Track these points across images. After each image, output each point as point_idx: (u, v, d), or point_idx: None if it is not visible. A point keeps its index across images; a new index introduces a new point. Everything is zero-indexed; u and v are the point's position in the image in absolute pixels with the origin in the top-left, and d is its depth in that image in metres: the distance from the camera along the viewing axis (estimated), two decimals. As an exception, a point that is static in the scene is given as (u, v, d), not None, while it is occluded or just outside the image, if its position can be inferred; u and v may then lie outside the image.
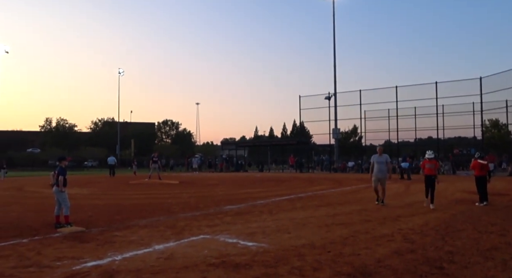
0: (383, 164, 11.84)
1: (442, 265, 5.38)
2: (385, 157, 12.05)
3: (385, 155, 12.21)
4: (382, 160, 11.88)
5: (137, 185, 22.01)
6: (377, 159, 11.92)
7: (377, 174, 11.82)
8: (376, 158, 11.98)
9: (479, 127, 34.90)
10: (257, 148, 55.64)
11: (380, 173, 11.81)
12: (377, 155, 12.02)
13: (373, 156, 12.14)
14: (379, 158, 11.93)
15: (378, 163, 11.85)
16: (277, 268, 5.24)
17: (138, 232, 7.77)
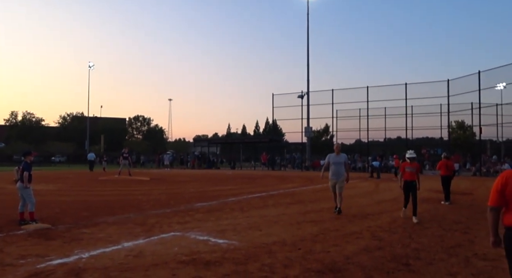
0: (341, 165, 9.94)
1: (409, 261, 5.52)
2: (343, 157, 10.10)
3: (343, 154, 10.24)
4: (339, 160, 9.98)
5: (107, 181, 21.58)
6: (333, 159, 10.01)
7: (332, 176, 9.96)
8: (332, 157, 10.05)
9: (446, 128, 35.91)
10: (230, 145, 55.50)
11: (336, 175, 9.90)
12: (333, 154, 10.08)
13: (329, 155, 10.19)
14: (336, 157, 10.01)
15: (335, 164, 9.94)
16: (247, 265, 5.25)
17: (107, 229, 7.62)
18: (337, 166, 9.93)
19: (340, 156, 10.06)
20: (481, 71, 30.21)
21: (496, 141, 37.38)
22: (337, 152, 10.06)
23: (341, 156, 10.10)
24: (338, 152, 10.06)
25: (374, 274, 4.91)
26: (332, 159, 10.02)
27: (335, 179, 9.90)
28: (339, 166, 9.93)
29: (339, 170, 9.90)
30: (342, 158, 10.04)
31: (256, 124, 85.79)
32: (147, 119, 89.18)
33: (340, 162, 9.96)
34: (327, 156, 10.35)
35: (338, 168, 9.90)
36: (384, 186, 19.16)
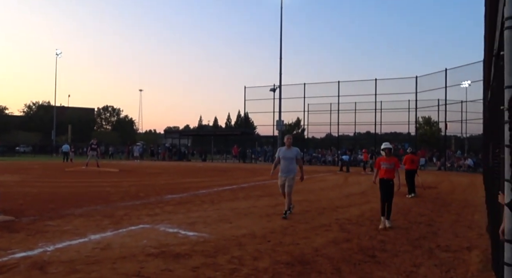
0: (292, 161, 8.66)
1: (375, 253, 5.65)
2: (295, 151, 8.78)
3: (295, 148, 8.89)
4: (290, 155, 8.67)
5: (74, 173, 21.07)
6: (283, 153, 8.73)
7: (281, 173, 8.69)
8: (283, 151, 8.78)
9: (413, 123, 36.84)
10: (201, 137, 55.25)
11: (286, 172, 8.62)
12: (284, 148, 8.81)
13: (279, 149, 9.02)
14: (287, 151, 8.71)
15: (285, 159, 8.66)
16: (216, 257, 5.25)
17: (73, 222, 7.44)
18: (287, 162, 8.64)
19: (291, 149, 8.73)
20: (448, 69, 31.13)
21: (461, 136, 38.66)
22: (288, 145, 8.73)
23: (293, 149, 8.76)
24: (289, 145, 8.73)
25: (341, 266, 5.00)
26: (283, 153, 8.73)
27: (284, 176, 8.60)
28: (290, 162, 8.64)
29: (289, 165, 8.62)
30: (293, 152, 8.72)
31: (228, 117, 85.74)
32: (116, 110, 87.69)
33: (291, 157, 8.65)
34: (278, 150, 9.12)
35: (288, 164, 8.63)
36: (353, 180, 19.53)
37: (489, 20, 5.42)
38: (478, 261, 5.37)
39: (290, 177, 8.62)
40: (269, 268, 4.82)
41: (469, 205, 11.07)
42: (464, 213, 9.54)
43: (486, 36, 7.10)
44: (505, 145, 2.89)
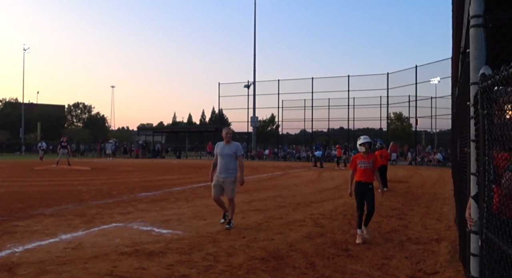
0: (231, 158, 7.04)
1: (348, 247, 5.75)
2: (235, 147, 7.17)
3: (236, 143, 7.31)
4: (229, 152, 7.05)
5: (43, 171, 20.51)
6: (221, 150, 7.09)
7: (219, 174, 7.02)
8: (221, 147, 7.13)
9: (385, 119, 37.52)
10: (175, 134, 54.71)
11: (225, 172, 6.99)
12: (222, 143, 7.16)
13: (218, 144, 7.25)
14: (225, 147, 7.09)
15: (223, 156, 7.03)
16: (191, 254, 5.23)
17: (43, 221, 7.25)
18: (225, 159, 7.00)
19: (231, 145, 7.12)
20: (418, 65, 31.83)
21: (430, 132, 39.61)
22: (227, 140, 7.10)
23: (232, 145, 7.15)
24: (228, 140, 7.11)
25: (315, 260, 5.07)
26: (220, 150, 7.09)
27: (222, 178, 6.97)
28: (229, 159, 7.02)
29: (228, 164, 7.00)
30: (233, 148, 7.10)
31: (202, 113, 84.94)
32: (87, 106, 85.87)
33: (230, 154, 7.03)
34: (215, 146, 7.33)
35: (226, 162, 6.99)
36: (327, 175, 19.76)
37: (456, 18, 5.57)
38: (447, 252, 5.54)
39: (230, 180, 6.99)
40: (244, 264, 4.84)
41: (438, 198, 11.38)
42: (433, 206, 9.81)
43: (453, 34, 7.30)
44: (471, 140, 2.98)
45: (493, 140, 2.29)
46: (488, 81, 2.33)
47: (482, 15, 2.90)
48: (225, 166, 6.98)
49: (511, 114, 2.19)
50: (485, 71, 2.56)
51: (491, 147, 2.37)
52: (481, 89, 2.50)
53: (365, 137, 6.48)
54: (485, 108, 2.45)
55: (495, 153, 2.38)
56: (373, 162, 6.32)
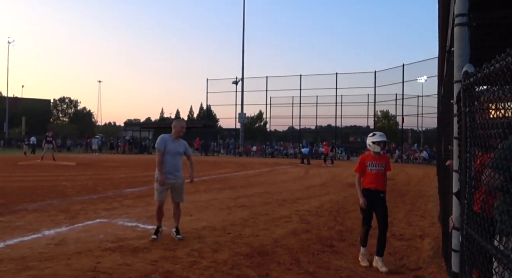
0: (181, 157, 6.14)
1: (333, 243, 5.79)
2: (183, 145, 6.19)
3: (183, 141, 6.25)
4: (178, 149, 6.07)
5: (27, 166, 20.21)
6: (169, 146, 5.98)
7: (168, 175, 5.96)
8: (170, 142, 6.02)
9: (372, 117, 37.86)
10: (163, 130, 54.21)
11: (176, 172, 6.02)
12: (170, 138, 6.09)
13: (162, 138, 6.08)
14: (174, 143, 6.05)
15: (174, 154, 6.02)
16: (176, 250, 5.21)
17: (26, 217, 7.14)
18: (176, 158, 6.06)
19: (179, 142, 6.15)
20: (405, 64, 32.13)
21: (417, 130, 40.05)
22: (176, 136, 6.13)
23: (181, 142, 6.20)
24: (177, 136, 6.14)
25: (300, 256, 5.09)
26: (169, 146, 5.98)
27: (173, 179, 6.00)
28: (179, 158, 6.13)
29: (179, 164, 6.12)
30: (181, 146, 6.15)
31: (190, 109, 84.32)
32: (74, 101, 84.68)
33: (179, 152, 6.10)
34: (161, 140, 6.05)
35: (177, 161, 6.09)
36: (314, 172, 19.85)
37: (443, 17, 5.62)
38: (430, 248, 5.61)
39: (180, 181, 6.13)
40: (229, 260, 4.83)
41: (423, 195, 11.51)
42: (418, 203, 9.92)
43: (440, 33, 7.37)
44: (454, 137, 3.01)
45: (475, 137, 2.32)
46: (471, 79, 2.36)
47: (467, 14, 2.92)
48: (176, 166, 6.04)
49: (493, 112, 2.22)
50: (468, 69, 2.58)
51: (472, 144, 2.40)
52: (463, 87, 2.53)
53: (382, 134, 5.19)
54: (467, 106, 2.47)
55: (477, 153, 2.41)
56: (386, 165, 5.11)
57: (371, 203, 4.99)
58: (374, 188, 4.98)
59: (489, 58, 3.09)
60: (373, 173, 5.00)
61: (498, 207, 2.14)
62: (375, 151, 5.05)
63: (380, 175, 5.03)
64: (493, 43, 4.37)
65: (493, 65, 1.85)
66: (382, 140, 5.08)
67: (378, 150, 5.05)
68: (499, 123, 2.03)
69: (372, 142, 5.07)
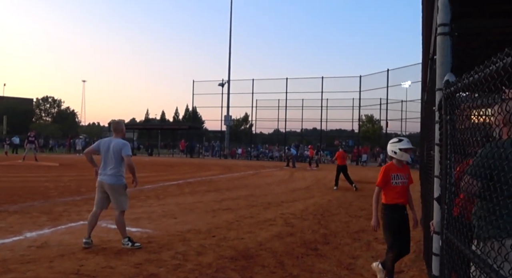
0: (115, 156, 5.58)
1: (317, 246, 5.84)
2: (121, 144, 5.63)
3: (121, 140, 5.71)
4: (115, 148, 5.59)
5: (9, 167, 19.85)
6: (105, 145, 5.67)
7: (103, 176, 5.67)
8: (105, 143, 5.71)
9: (356, 121, 38.17)
10: (148, 131, 53.96)
11: (109, 175, 5.61)
12: (108, 138, 5.90)
13: (100, 141, 5.90)
14: (111, 141, 5.68)
15: (106, 153, 5.62)
16: (160, 253, 5.20)
17: (7, 219, 7.04)
18: (110, 157, 5.60)
19: (117, 140, 5.68)
20: (390, 69, 32.53)
21: (400, 134, 40.50)
22: (117, 133, 5.79)
23: (119, 141, 5.67)
24: (118, 133, 5.79)
25: (284, 259, 5.13)
26: (104, 145, 5.66)
27: (107, 181, 5.62)
28: (113, 157, 5.60)
29: (113, 164, 5.60)
30: (119, 145, 5.61)
31: (175, 110, 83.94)
32: (57, 101, 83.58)
33: (116, 151, 5.58)
34: (97, 142, 5.95)
35: (111, 161, 5.61)
36: (299, 175, 19.94)
37: (426, 25, 5.74)
38: (412, 252, 5.68)
39: (115, 185, 5.65)
40: (213, 263, 4.84)
41: (405, 199, 11.66)
42: (400, 207, 10.04)
43: (423, 40, 7.51)
44: (435, 143, 3.09)
45: (455, 144, 2.39)
46: (452, 88, 2.43)
47: (449, 24, 3.00)
48: (109, 168, 5.68)
49: (472, 119, 2.29)
50: (449, 78, 2.65)
51: (453, 151, 2.47)
52: (445, 95, 2.60)
53: (408, 140, 4.52)
54: (448, 114, 2.54)
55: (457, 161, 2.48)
56: (409, 176, 4.55)
57: (399, 221, 4.36)
58: (402, 203, 4.41)
59: (471, 66, 3.18)
60: (399, 187, 4.41)
61: (476, 213, 2.21)
62: (403, 159, 4.43)
63: (405, 189, 4.48)
64: (474, 52, 4.48)
65: (472, 75, 1.92)
66: (410, 147, 4.45)
67: (407, 158, 4.45)
68: (478, 131, 2.09)
69: (399, 149, 4.39)
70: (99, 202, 5.78)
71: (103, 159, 5.67)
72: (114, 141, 5.67)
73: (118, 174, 5.65)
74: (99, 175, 5.71)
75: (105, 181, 5.64)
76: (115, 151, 5.60)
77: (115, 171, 5.63)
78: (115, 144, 5.64)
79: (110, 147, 5.62)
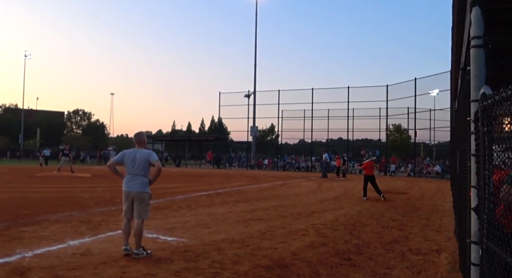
0: (142, 165, 5.79)
1: (350, 256, 5.87)
2: (148, 153, 5.93)
3: (145, 150, 6.03)
4: (141, 157, 5.81)
5: (45, 178, 20.60)
6: (130, 156, 5.87)
7: (130, 185, 5.79)
8: (130, 154, 5.90)
9: (384, 131, 37.78)
10: (175, 143, 54.87)
11: (135, 184, 5.77)
12: (132, 149, 6.05)
13: (123, 152, 6.08)
14: (136, 152, 5.89)
15: (132, 163, 5.81)
16: (197, 262, 5.35)
17: (49, 228, 7.37)
18: (134, 169, 5.81)
19: (142, 151, 5.94)
20: (417, 78, 32.15)
21: (429, 143, 39.79)
22: (140, 143, 6.01)
23: (144, 152, 5.95)
24: (141, 143, 6.02)
25: (319, 269, 5.19)
26: (128, 156, 5.88)
27: (132, 188, 5.79)
28: (139, 166, 5.81)
29: (141, 171, 5.81)
30: (145, 154, 5.88)
31: (201, 122, 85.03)
32: (87, 113, 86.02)
33: (143, 159, 5.83)
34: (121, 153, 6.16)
35: (138, 172, 5.81)
36: (327, 185, 19.88)
37: (457, 35, 5.76)
38: (447, 263, 5.67)
39: (141, 193, 5.85)
40: (250, 272, 4.96)
41: (437, 210, 11.50)
42: (433, 218, 9.93)
43: (453, 50, 7.50)
44: (471, 154, 3.14)
45: (493, 155, 2.45)
46: (488, 100, 2.50)
47: (482, 36, 3.07)
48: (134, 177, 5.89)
49: (510, 129, 2.34)
50: (485, 91, 2.72)
51: (491, 161, 2.53)
52: (481, 108, 2.67)
53: None
54: (485, 126, 2.61)
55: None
56: None
57: None
58: None
59: (503, 78, 3.24)
60: None
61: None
62: None
63: None
64: (506, 64, 4.51)
65: (510, 89, 2.00)
66: None
67: None
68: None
69: None
70: (127, 212, 5.95)
71: (129, 169, 5.88)
72: (139, 151, 5.91)
73: (144, 183, 5.87)
74: (125, 185, 5.91)
75: (131, 190, 5.82)
76: (142, 160, 5.83)
77: (141, 180, 5.84)
78: (141, 154, 5.88)
79: (135, 157, 5.85)
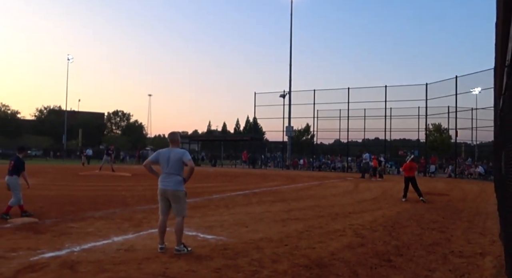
0: (176, 164, 5.93)
1: (390, 258, 5.80)
2: (181, 153, 6.01)
3: (179, 149, 6.16)
4: (175, 156, 5.92)
5: (88, 176, 21.41)
6: (165, 155, 5.98)
7: (165, 184, 5.97)
8: (164, 153, 6.02)
9: (423, 130, 36.77)
10: (210, 143, 55.57)
11: (171, 183, 5.93)
12: (166, 148, 6.11)
13: (158, 152, 6.22)
14: (170, 151, 6.00)
15: (167, 162, 5.94)
16: (237, 260, 5.44)
17: (95, 224, 7.68)
18: (171, 165, 5.95)
19: (176, 150, 6.07)
20: (458, 76, 31.08)
21: (471, 144, 38.43)
22: (174, 143, 6.12)
23: (179, 150, 6.12)
24: (176, 143, 6.14)
25: (358, 269, 5.16)
26: (163, 155, 6.01)
27: (168, 188, 5.96)
28: (174, 165, 5.95)
29: (175, 171, 5.96)
30: (178, 154, 5.97)
31: (236, 122, 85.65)
32: (126, 114, 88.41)
33: (176, 159, 5.93)
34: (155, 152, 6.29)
35: (172, 169, 5.95)
36: (364, 186, 19.60)
37: (502, 30, 5.58)
38: (492, 267, 5.50)
39: (176, 191, 6.04)
40: (288, 271, 5.00)
41: (480, 212, 11.12)
42: (476, 220, 9.62)
43: (497, 46, 7.25)
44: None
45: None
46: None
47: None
48: (169, 176, 6.03)
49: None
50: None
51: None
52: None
53: None
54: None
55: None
56: None
57: None
58: None
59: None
60: None
61: None
62: None
63: None
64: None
65: None
66: None
67: None
68: None
69: None
70: (164, 210, 6.12)
71: (164, 167, 6.00)
72: (173, 151, 6.03)
73: (178, 181, 6.01)
74: (160, 183, 6.05)
75: (167, 188, 5.96)
76: (176, 159, 5.94)
77: (176, 178, 5.98)
78: (175, 153, 5.99)
79: (170, 156, 5.96)
